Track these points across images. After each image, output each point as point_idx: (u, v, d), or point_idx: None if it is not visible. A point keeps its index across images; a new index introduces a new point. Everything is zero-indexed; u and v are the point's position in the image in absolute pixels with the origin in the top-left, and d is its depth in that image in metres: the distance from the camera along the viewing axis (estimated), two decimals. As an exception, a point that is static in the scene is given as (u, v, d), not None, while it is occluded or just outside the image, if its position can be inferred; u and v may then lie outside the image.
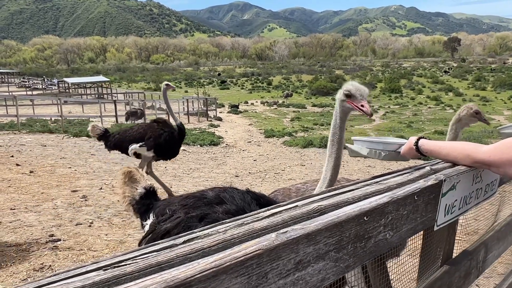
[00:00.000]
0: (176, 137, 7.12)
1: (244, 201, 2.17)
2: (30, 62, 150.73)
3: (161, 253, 0.67)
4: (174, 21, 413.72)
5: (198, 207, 2.19)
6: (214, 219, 2.06)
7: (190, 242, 0.75)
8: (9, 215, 5.50)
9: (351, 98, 2.04)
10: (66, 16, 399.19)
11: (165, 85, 7.17)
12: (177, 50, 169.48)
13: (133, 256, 0.66)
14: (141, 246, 0.77)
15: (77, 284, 0.58)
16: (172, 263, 0.64)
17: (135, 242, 4.73)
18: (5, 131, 17.55)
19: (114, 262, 0.64)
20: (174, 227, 2.16)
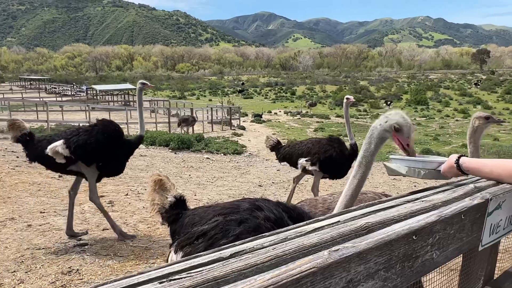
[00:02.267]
0: (346, 157, 6.60)
1: (278, 211, 2.16)
2: (61, 69, 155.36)
3: (214, 267, 0.65)
4: (200, 30, 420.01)
5: (237, 213, 2.19)
6: (256, 224, 2.06)
7: (237, 256, 0.74)
8: (39, 218, 5.63)
9: (398, 132, 1.93)
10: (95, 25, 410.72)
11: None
12: (202, 59, 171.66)
13: (182, 268, 0.65)
14: (187, 257, 0.76)
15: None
16: (227, 279, 0.63)
17: (160, 249, 4.76)
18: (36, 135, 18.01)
19: (165, 274, 0.63)
20: (211, 228, 2.16)
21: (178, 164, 12.30)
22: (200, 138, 17.08)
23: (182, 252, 2.29)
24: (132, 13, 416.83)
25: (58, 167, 5.30)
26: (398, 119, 1.93)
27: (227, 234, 2.09)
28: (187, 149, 15.40)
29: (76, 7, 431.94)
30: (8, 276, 3.88)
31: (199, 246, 2.18)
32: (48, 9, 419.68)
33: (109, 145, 5.16)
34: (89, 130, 5.21)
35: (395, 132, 1.94)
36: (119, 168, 5.57)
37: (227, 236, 2.08)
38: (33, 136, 5.43)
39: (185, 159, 13.42)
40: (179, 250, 2.32)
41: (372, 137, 2.03)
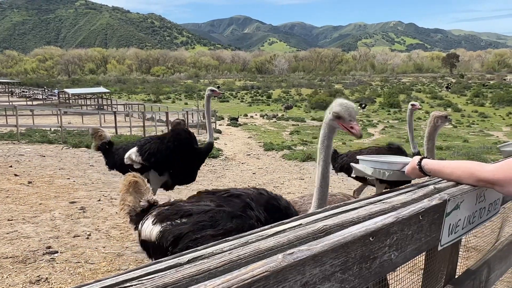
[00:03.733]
0: None
1: (266, 213, 2.18)
2: (31, 72, 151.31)
3: (167, 273, 0.66)
4: (175, 33, 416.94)
5: (229, 205, 2.17)
6: (250, 224, 2.06)
7: (196, 261, 0.74)
8: (6, 226, 5.46)
9: (340, 120, 2.02)
10: (68, 27, 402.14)
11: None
12: (177, 62, 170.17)
13: (138, 275, 0.65)
14: (144, 264, 0.76)
15: None
16: (178, 285, 0.63)
17: (133, 256, 4.70)
18: (4, 141, 17.53)
19: (119, 282, 0.63)
20: (200, 212, 2.14)
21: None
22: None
23: (160, 226, 2.22)
24: (105, 15, 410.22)
25: None
26: (336, 107, 2.02)
27: (216, 225, 2.07)
28: (162, 153, 15.24)
29: (47, 9, 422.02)
30: (-27, 287, 3.75)
31: (182, 227, 2.12)
32: (18, 10, 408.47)
33: (180, 153, 5.10)
34: (161, 138, 5.27)
35: (338, 120, 2.03)
36: (191, 176, 5.52)
37: (216, 227, 2.05)
38: (112, 144, 5.67)
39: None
40: (158, 222, 2.25)
41: (324, 130, 2.14)
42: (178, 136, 5.24)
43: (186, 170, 5.34)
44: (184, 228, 2.09)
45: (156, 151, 5.07)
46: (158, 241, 2.22)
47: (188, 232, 2.06)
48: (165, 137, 5.24)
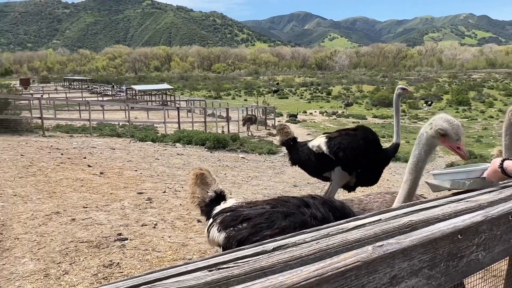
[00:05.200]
0: None
1: (325, 210, 2.17)
2: (102, 70, 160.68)
3: (261, 258, 0.67)
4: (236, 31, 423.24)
5: (284, 206, 2.22)
6: (302, 220, 2.08)
7: (280, 249, 0.75)
8: (82, 213, 5.86)
9: (445, 137, 1.89)
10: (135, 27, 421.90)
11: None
12: (238, 59, 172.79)
13: (228, 259, 0.67)
14: (229, 250, 0.78)
15: (192, 283, 0.60)
16: (274, 269, 0.65)
17: (197, 246, 4.85)
18: (78, 134, 18.79)
19: (217, 263, 0.66)
20: (257, 215, 2.19)
21: (214, 163, 12.45)
22: (235, 137, 17.22)
23: (225, 233, 2.33)
24: (170, 14, 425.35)
25: (315, 171, 5.43)
26: (442, 124, 1.89)
27: (272, 225, 2.12)
28: (223, 148, 15.56)
29: (116, 9, 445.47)
30: (54, 267, 4.07)
31: (243, 232, 2.21)
32: (91, 12, 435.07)
33: (370, 152, 4.95)
34: (352, 135, 5.06)
35: (442, 138, 1.90)
36: (376, 177, 5.24)
37: (272, 227, 2.10)
38: (296, 141, 5.72)
39: (220, 158, 13.57)
40: (222, 230, 2.36)
41: (420, 144, 2.01)
42: (367, 134, 5.02)
43: (372, 171, 5.11)
44: (245, 232, 2.20)
45: (346, 146, 4.88)
46: (225, 246, 2.34)
47: (249, 236, 2.16)
48: (356, 134, 4.99)
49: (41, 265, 4.13)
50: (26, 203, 6.23)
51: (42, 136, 16.88)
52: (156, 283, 0.60)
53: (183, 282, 0.59)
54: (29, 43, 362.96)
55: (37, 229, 5.14)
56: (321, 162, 5.15)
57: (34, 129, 18.48)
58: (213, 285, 0.60)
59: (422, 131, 2.01)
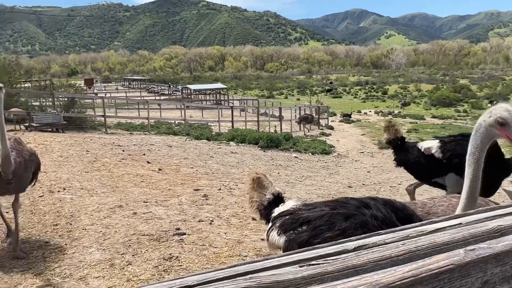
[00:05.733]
0: None
1: (386, 211, 2.13)
2: (159, 70, 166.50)
3: (349, 256, 0.68)
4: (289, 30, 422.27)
5: (343, 207, 2.20)
6: (362, 221, 2.06)
7: (361, 249, 0.75)
8: (142, 207, 6.12)
9: (504, 127, 1.85)
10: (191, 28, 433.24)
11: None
12: (291, 58, 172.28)
13: (313, 256, 0.68)
14: (308, 248, 0.79)
15: (289, 277, 0.62)
16: (365, 268, 0.65)
17: (252, 244, 4.90)
18: (138, 132, 19.62)
19: (302, 259, 0.67)
20: (317, 217, 2.19)
21: (267, 162, 12.53)
22: (288, 137, 17.22)
23: (285, 237, 2.35)
24: (224, 15, 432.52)
25: (425, 175, 5.16)
26: (502, 113, 1.84)
27: (332, 227, 2.11)
28: (276, 147, 15.62)
29: (174, 11, 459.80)
30: (118, 258, 4.29)
31: (303, 235, 2.22)
32: (149, 14, 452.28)
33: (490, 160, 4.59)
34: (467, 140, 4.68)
35: (501, 127, 1.86)
36: (495, 187, 4.72)
37: (333, 229, 2.10)
38: (405, 141, 5.54)
39: (273, 157, 13.63)
40: (282, 233, 2.39)
41: (477, 134, 1.97)
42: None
43: (491, 180, 4.50)
44: (305, 235, 2.20)
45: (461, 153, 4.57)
46: (285, 249, 2.36)
47: (309, 238, 2.16)
48: None
49: (107, 255, 4.37)
50: (92, 196, 6.61)
51: (105, 133, 17.81)
52: (253, 274, 0.62)
53: (279, 276, 0.61)
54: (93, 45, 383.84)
55: (102, 221, 5.44)
56: (432, 166, 4.88)
57: (98, 126, 19.55)
58: (309, 280, 0.61)
59: (480, 120, 1.97)
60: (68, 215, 5.67)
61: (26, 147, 4.59)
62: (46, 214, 5.69)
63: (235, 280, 0.59)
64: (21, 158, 4.33)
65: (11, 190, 4.34)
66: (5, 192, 4.39)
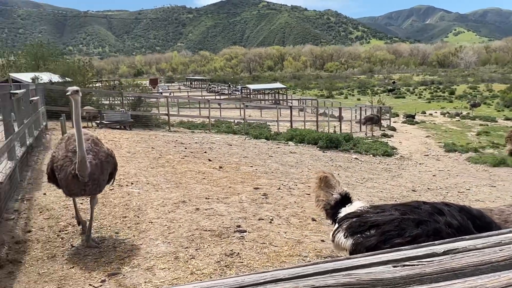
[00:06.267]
0: None
1: (462, 218, 2.03)
2: (219, 70, 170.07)
3: (444, 259, 0.66)
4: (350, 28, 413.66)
5: (414, 213, 2.13)
6: (435, 228, 1.98)
7: (451, 253, 0.73)
8: (204, 203, 6.29)
9: None
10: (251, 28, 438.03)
11: None
12: (351, 57, 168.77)
13: (404, 257, 0.67)
14: (393, 249, 0.77)
15: (386, 275, 0.62)
16: (464, 272, 0.63)
17: (312, 244, 4.87)
18: (199, 130, 20.17)
19: (393, 260, 0.66)
20: (385, 222, 2.14)
21: (326, 162, 12.37)
22: (348, 137, 16.88)
23: (352, 240, 2.32)
24: (284, 15, 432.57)
25: None
26: None
27: (402, 233, 2.05)
28: (335, 148, 15.38)
29: (234, 12, 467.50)
30: (182, 251, 4.45)
31: (371, 239, 2.17)
32: (211, 15, 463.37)
33: None
34: None
35: None
36: None
37: (403, 235, 2.03)
38: None
39: (333, 158, 13.43)
40: (349, 236, 2.35)
41: None
42: None
43: None
44: (374, 240, 2.15)
45: None
46: (352, 253, 2.32)
47: (378, 243, 2.10)
48: None
49: (171, 248, 4.54)
50: (157, 191, 6.90)
51: (168, 131, 18.50)
52: (350, 270, 0.62)
53: (375, 274, 0.61)
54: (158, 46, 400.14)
55: (167, 215, 5.67)
56: None
57: (161, 124, 20.35)
58: (408, 280, 0.61)
59: None
60: (136, 208, 5.97)
61: (103, 148, 4.71)
62: (116, 206, 6.03)
63: (333, 276, 0.60)
64: (97, 160, 4.46)
65: (87, 191, 4.48)
66: (82, 194, 4.55)
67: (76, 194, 4.52)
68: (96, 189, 4.51)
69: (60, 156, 4.45)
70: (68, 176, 4.29)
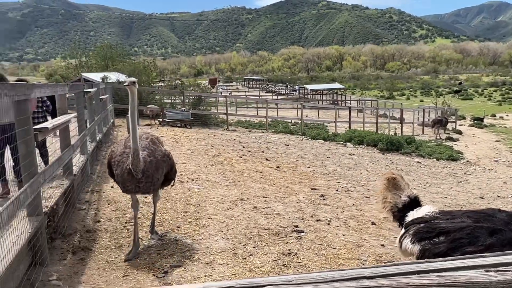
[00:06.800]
0: None
1: None
2: (277, 70, 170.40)
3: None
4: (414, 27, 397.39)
5: (488, 221, 2.03)
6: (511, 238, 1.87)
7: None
8: (262, 202, 6.34)
9: None
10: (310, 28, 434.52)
11: None
12: (414, 57, 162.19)
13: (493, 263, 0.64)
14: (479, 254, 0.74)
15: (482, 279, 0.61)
16: None
17: (371, 248, 4.75)
18: (256, 130, 20.35)
19: (484, 265, 0.64)
20: (456, 229, 2.06)
21: (386, 165, 12.00)
22: (410, 140, 16.27)
23: (420, 246, 2.24)
24: (344, 14, 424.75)
25: None
26: None
27: (475, 241, 1.95)
28: (396, 151, 14.88)
29: (294, 12, 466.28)
30: (241, 248, 4.52)
31: (440, 246, 2.09)
32: (270, 16, 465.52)
33: None
34: None
35: None
36: None
37: (475, 244, 1.94)
38: None
39: (393, 161, 13.01)
40: (416, 242, 2.28)
41: None
42: None
43: None
44: (443, 247, 2.06)
45: None
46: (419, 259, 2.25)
47: (447, 251, 2.02)
48: None
49: (230, 244, 4.63)
50: (216, 188, 7.06)
51: (226, 130, 18.86)
52: (443, 272, 0.61)
53: (471, 277, 0.59)
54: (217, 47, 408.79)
55: (226, 212, 5.78)
56: None
57: (220, 123, 20.78)
58: (506, 285, 0.59)
59: None
60: (196, 204, 6.14)
61: (160, 148, 4.67)
62: (177, 201, 6.25)
63: (427, 275, 0.59)
64: (153, 157, 4.42)
65: (141, 188, 4.44)
66: (136, 191, 4.51)
67: (131, 190, 4.50)
68: (150, 187, 4.46)
69: (118, 152, 4.51)
70: (124, 171, 4.31)
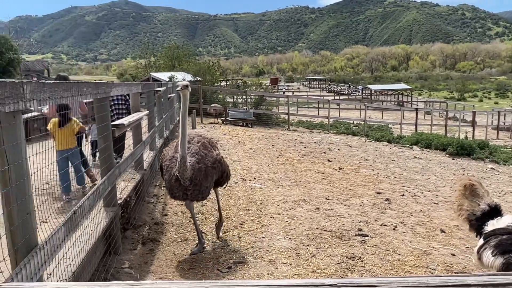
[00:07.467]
0: None
1: None
2: (340, 70, 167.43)
3: None
4: (489, 24, 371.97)
5: None
6: None
7: None
8: (324, 204, 6.27)
9: None
10: (375, 26, 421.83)
11: None
12: (489, 56, 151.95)
13: None
14: None
15: None
16: None
17: (441, 257, 4.53)
18: (317, 130, 20.16)
19: None
20: None
21: (456, 171, 11.36)
22: (483, 145, 15.26)
23: (503, 259, 2.12)
24: (412, 12, 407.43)
25: None
26: None
27: None
28: (467, 156, 14.05)
29: (358, 10, 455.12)
30: (303, 248, 4.50)
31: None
32: (334, 15, 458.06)
33: None
34: None
35: None
36: None
37: None
38: None
39: (464, 166, 12.29)
40: (499, 254, 2.16)
41: None
42: None
43: None
44: None
45: None
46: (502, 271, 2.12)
47: None
48: None
49: (292, 244, 4.63)
50: (278, 188, 7.09)
51: (287, 130, 18.87)
52: None
53: None
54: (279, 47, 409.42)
55: (288, 212, 5.79)
56: None
57: (281, 123, 20.82)
58: None
59: None
60: (258, 202, 6.21)
61: (211, 153, 4.40)
62: (240, 199, 6.36)
63: None
64: (202, 164, 4.19)
65: (189, 196, 4.25)
66: (183, 198, 4.33)
67: (178, 197, 4.33)
68: (198, 195, 4.26)
69: (168, 156, 4.38)
70: (172, 178, 4.14)
